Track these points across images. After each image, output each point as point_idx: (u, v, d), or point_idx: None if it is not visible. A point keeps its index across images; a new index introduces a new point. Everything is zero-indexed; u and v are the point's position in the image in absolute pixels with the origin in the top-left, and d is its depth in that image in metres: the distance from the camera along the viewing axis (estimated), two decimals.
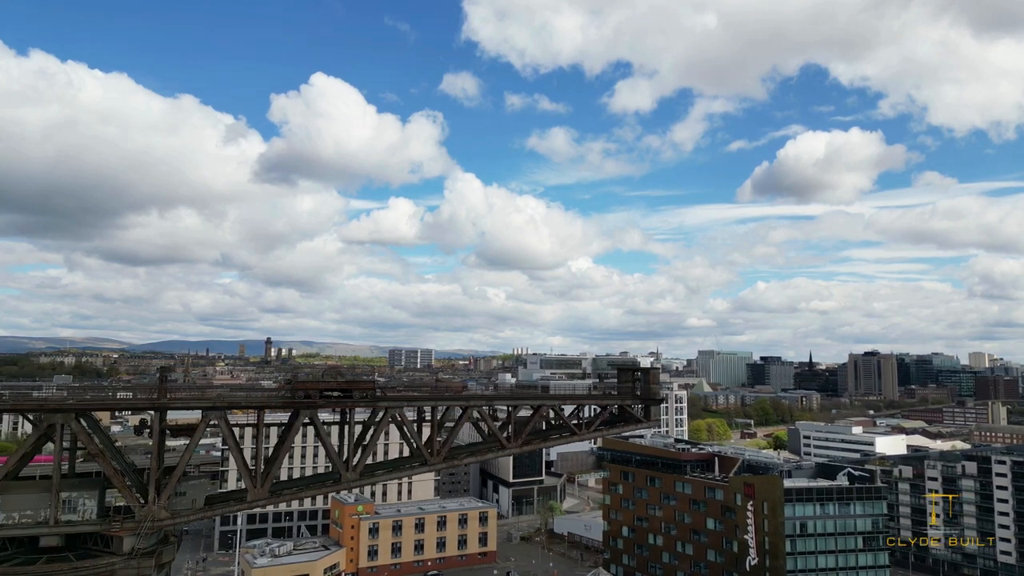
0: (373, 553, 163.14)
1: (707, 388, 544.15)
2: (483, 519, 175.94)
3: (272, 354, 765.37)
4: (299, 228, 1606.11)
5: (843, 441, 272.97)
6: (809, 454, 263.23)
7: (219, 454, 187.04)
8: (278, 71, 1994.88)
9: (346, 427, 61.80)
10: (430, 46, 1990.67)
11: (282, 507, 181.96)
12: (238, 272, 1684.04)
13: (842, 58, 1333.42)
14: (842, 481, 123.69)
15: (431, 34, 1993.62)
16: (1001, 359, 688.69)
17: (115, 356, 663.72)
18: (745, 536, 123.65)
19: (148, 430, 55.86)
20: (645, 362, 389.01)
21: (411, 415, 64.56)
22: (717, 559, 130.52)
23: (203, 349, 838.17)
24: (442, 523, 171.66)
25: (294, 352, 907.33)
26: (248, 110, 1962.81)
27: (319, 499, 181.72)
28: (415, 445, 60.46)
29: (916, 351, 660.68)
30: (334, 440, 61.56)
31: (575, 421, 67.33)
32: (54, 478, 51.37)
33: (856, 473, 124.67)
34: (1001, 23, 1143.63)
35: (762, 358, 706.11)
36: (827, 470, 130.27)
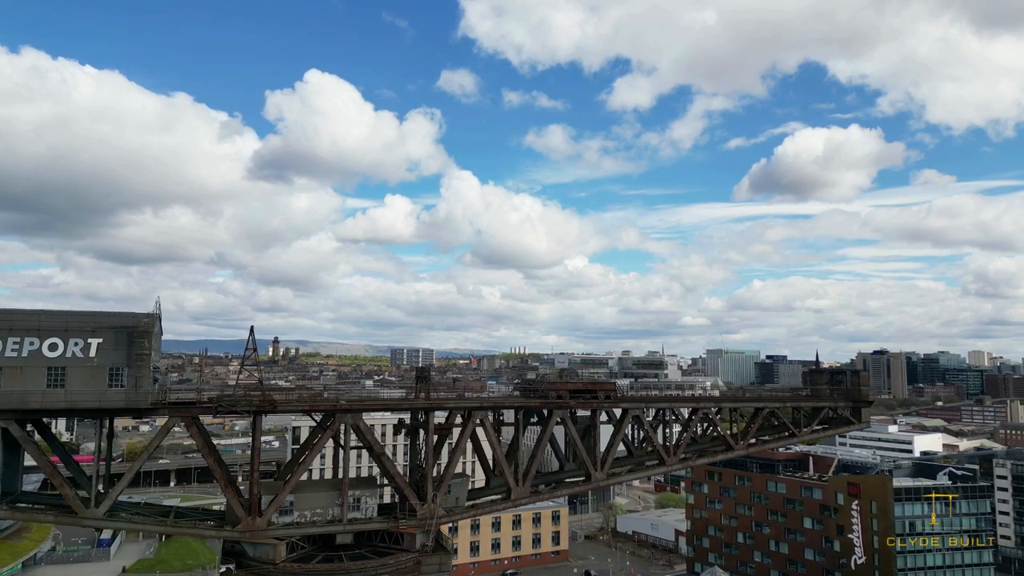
0: (453, 551, 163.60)
1: (722, 386, 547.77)
2: (555, 518, 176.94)
3: (280, 353, 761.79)
4: (294, 226, 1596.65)
5: (880, 440, 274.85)
6: None
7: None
8: (273, 68, 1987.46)
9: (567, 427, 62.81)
10: (427, 42, 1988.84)
11: None
12: (232, 271, 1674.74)
13: (842, 55, 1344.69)
14: (943, 480, 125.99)
15: (428, 30, 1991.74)
16: (1000, 357, 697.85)
17: None
18: (850, 535, 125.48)
19: (405, 429, 56.57)
20: (671, 361, 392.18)
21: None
22: (816, 558, 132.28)
23: (200, 348, 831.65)
24: (517, 522, 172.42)
25: (293, 351, 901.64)
26: (243, 107, 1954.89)
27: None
28: (653, 445, 61.67)
29: (910, 349, 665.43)
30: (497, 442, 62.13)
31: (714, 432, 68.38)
32: (344, 478, 52.03)
33: (958, 472, 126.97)
34: (1003, 19, 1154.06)
35: (769, 357, 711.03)
36: (926, 469, 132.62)
